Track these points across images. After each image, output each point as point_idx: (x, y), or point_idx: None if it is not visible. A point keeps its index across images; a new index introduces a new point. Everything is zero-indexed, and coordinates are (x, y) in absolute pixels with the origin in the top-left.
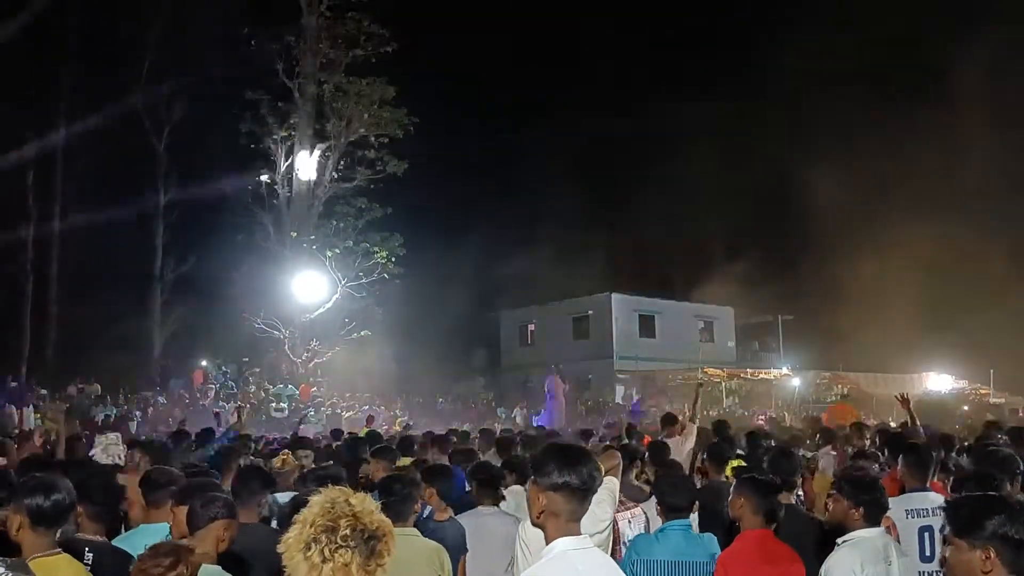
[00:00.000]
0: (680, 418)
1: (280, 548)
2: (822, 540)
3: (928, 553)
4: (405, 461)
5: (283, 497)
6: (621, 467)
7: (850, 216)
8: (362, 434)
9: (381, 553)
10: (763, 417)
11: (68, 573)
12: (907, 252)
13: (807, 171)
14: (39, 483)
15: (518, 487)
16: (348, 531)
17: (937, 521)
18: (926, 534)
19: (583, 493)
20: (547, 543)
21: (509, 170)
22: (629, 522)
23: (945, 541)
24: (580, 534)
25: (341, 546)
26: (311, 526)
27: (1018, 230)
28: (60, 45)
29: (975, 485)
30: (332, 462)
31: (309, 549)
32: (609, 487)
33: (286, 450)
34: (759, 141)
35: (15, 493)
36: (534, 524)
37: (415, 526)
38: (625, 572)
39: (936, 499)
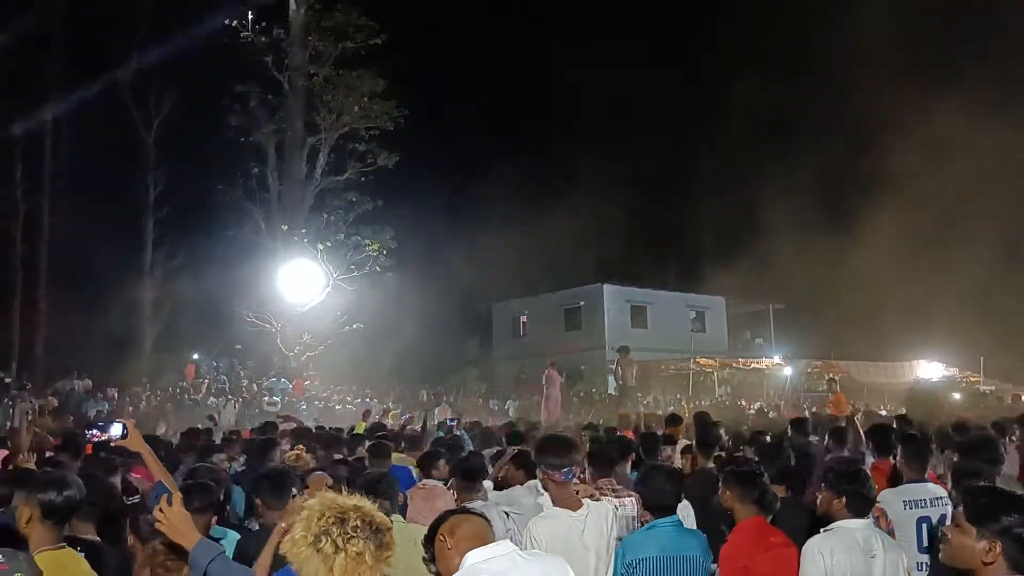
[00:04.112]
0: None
1: (283, 548)
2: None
3: (926, 544)
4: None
5: None
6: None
7: (841, 206)
8: (359, 429)
9: (388, 546)
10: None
11: (74, 567)
12: (897, 241)
13: (799, 162)
14: (52, 478)
15: (532, 481)
16: (358, 522)
17: (935, 512)
18: (924, 525)
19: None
20: (459, 562)
21: (500, 161)
22: (616, 508)
23: (951, 521)
24: (491, 541)
25: (353, 536)
26: (319, 519)
27: (1008, 221)
28: (47, 36)
29: (964, 476)
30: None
31: (320, 541)
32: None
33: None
34: (755, 135)
35: (28, 486)
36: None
37: None
38: (617, 573)
39: (934, 490)
